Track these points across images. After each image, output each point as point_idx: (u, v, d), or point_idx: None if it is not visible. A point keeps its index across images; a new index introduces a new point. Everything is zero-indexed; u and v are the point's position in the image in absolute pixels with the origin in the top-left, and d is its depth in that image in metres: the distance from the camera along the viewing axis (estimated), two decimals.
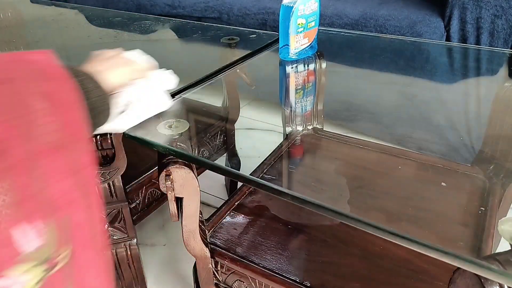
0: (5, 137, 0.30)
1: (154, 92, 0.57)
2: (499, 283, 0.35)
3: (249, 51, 0.85)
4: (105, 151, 0.64)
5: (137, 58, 0.57)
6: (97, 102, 0.45)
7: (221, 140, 0.93)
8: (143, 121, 0.56)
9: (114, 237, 0.73)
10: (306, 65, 0.83)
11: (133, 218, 0.75)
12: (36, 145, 0.32)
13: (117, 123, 0.52)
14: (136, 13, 1.51)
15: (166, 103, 0.58)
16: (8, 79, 0.33)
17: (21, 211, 0.30)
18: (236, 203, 0.71)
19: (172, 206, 0.55)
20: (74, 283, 0.34)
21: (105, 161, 0.65)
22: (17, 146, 0.31)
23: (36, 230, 0.30)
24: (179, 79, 0.62)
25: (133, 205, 0.76)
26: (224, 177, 1.13)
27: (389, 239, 0.38)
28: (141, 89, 0.55)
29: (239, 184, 0.97)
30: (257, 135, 0.80)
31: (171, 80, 0.60)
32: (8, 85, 0.33)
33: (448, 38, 1.20)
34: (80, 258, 0.35)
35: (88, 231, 0.36)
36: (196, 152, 0.79)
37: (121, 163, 0.65)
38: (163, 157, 0.53)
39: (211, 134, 0.89)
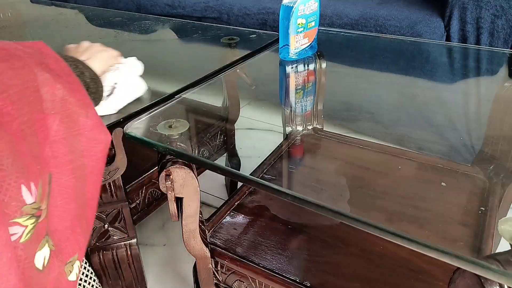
0: (3, 110, 0.34)
1: (132, 77, 0.64)
2: (499, 283, 0.35)
3: (249, 51, 0.85)
4: None
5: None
6: (90, 83, 0.51)
7: (221, 140, 0.93)
8: (142, 121, 0.56)
9: (114, 237, 0.73)
10: (306, 65, 0.83)
11: (133, 218, 0.75)
12: (35, 113, 0.38)
13: (105, 107, 0.58)
14: (136, 13, 1.51)
15: (143, 88, 0.65)
16: (17, 55, 0.39)
17: (21, 172, 0.34)
18: (236, 203, 0.71)
19: (172, 206, 0.55)
20: (50, 229, 0.40)
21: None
22: (15, 117, 0.36)
23: (31, 189, 0.35)
24: (179, 78, 0.62)
25: (133, 205, 0.76)
26: (224, 177, 1.13)
27: (389, 239, 0.38)
28: (122, 73, 0.61)
29: (239, 184, 0.97)
30: (257, 135, 0.80)
31: (139, 67, 0.66)
32: (17, 59, 0.38)
33: (448, 38, 1.20)
34: (55, 208, 0.40)
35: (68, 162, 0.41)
36: (196, 152, 0.79)
37: (121, 163, 0.65)
38: (163, 157, 0.53)
39: (211, 134, 0.89)
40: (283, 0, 0.76)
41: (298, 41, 0.80)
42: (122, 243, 0.74)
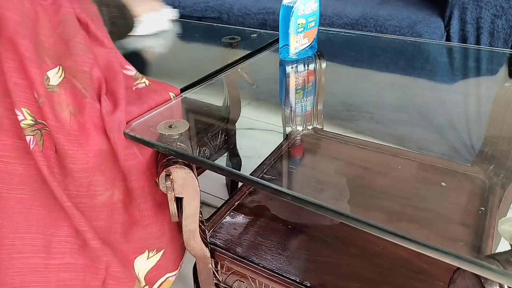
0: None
1: (162, 19, 1.00)
2: (499, 283, 0.35)
3: (249, 51, 0.85)
4: None
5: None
6: (119, 19, 0.77)
7: (221, 139, 0.93)
8: (142, 121, 0.56)
9: None
10: (306, 65, 0.83)
11: None
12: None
13: (138, 29, 0.88)
14: None
15: (167, 25, 1.01)
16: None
17: None
18: (236, 203, 0.71)
19: (172, 206, 0.55)
20: None
21: None
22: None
23: None
24: (180, 78, 0.62)
25: None
26: (224, 177, 1.13)
27: (389, 239, 0.38)
28: (155, 16, 0.95)
29: (240, 184, 0.97)
30: (257, 135, 0.80)
31: (173, 13, 1.04)
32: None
33: (448, 38, 1.20)
34: None
35: None
36: (197, 152, 0.79)
37: None
38: (163, 157, 0.53)
39: (212, 133, 0.89)
40: (283, 0, 0.76)
41: (298, 41, 0.80)
42: None
